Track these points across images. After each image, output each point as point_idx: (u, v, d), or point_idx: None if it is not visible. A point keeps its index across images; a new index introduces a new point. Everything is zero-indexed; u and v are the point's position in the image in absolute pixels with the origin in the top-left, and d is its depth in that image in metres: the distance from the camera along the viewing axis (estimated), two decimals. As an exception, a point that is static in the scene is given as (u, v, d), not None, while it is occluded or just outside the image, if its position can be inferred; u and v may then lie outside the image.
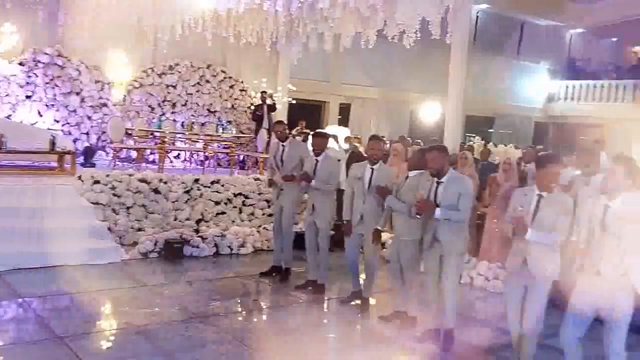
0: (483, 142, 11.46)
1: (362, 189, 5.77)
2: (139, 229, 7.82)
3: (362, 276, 6.13)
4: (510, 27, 19.06)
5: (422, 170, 5.34)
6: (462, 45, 9.58)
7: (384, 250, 7.66)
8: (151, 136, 11.48)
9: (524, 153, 9.52)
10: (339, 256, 6.96)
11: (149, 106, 11.98)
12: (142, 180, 8.10)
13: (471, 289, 7.02)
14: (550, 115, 20.49)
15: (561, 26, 19.90)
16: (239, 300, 6.13)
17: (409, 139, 12.70)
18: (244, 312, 5.84)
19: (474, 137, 11.65)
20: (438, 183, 4.91)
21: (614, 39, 21.36)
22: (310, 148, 6.54)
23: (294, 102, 13.27)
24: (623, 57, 21.45)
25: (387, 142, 11.86)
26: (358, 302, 6.03)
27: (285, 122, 7.39)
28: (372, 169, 5.75)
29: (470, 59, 10.97)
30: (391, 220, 5.58)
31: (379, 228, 5.66)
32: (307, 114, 14.93)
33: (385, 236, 7.50)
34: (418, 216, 5.06)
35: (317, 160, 6.34)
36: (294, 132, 13.22)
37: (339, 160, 7.34)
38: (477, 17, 17.50)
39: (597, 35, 20.81)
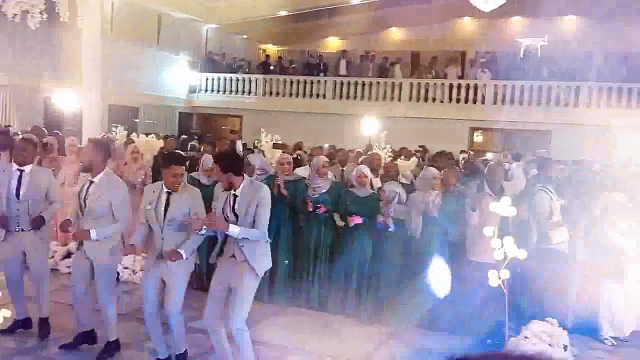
0: (126, 132, 11.16)
1: None
2: None
3: None
4: (148, 16, 19.02)
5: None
6: (94, 31, 9.09)
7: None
8: None
9: (165, 142, 9.65)
10: None
11: None
12: None
13: (118, 284, 6.79)
14: (194, 106, 21.31)
15: (197, 20, 20.80)
16: None
17: (44, 129, 11.54)
18: None
19: (117, 127, 11.25)
20: (91, 182, 4.59)
21: (245, 36, 23.37)
22: None
23: None
24: (254, 54, 23.68)
25: (19, 133, 10.59)
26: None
27: None
28: None
29: (109, 46, 10.51)
30: None
31: None
32: None
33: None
34: None
35: None
36: None
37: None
38: (113, 3, 16.92)
39: (229, 31, 22.45)
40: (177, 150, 7.27)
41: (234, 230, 4.08)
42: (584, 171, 7.73)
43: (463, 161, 9.51)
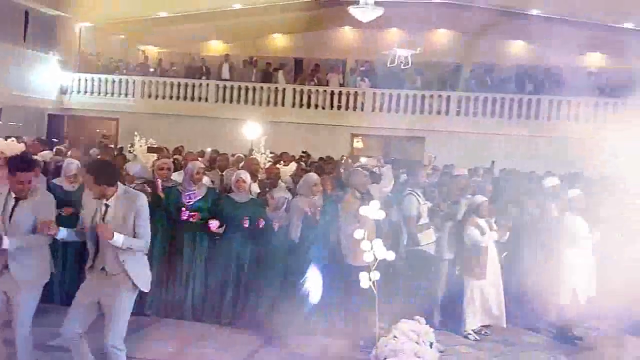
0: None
1: None
2: None
3: None
4: (13, 12, 17.61)
5: None
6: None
7: None
8: None
9: (28, 145, 8.98)
10: None
11: None
12: None
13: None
14: (65, 107, 20.02)
15: (69, 17, 19.57)
16: None
17: None
18: None
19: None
20: None
21: (122, 37, 22.36)
22: None
23: None
24: (133, 55, 22.69)
25: None
26: None
27: None
28: None
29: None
30: None
31: None
32: None
33: None
34: None
35: None
36: None
37: None
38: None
39: (106, 31, 21.34)
40: (24, 154, 6.68)
41: (118, 239, 3.89)
42: (448, 175, 8.21)
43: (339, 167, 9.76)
